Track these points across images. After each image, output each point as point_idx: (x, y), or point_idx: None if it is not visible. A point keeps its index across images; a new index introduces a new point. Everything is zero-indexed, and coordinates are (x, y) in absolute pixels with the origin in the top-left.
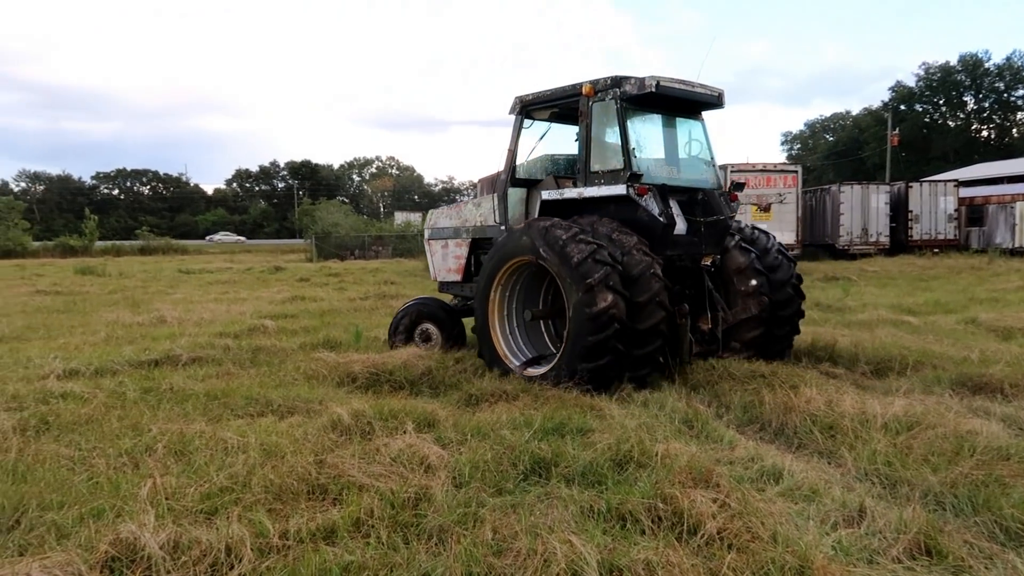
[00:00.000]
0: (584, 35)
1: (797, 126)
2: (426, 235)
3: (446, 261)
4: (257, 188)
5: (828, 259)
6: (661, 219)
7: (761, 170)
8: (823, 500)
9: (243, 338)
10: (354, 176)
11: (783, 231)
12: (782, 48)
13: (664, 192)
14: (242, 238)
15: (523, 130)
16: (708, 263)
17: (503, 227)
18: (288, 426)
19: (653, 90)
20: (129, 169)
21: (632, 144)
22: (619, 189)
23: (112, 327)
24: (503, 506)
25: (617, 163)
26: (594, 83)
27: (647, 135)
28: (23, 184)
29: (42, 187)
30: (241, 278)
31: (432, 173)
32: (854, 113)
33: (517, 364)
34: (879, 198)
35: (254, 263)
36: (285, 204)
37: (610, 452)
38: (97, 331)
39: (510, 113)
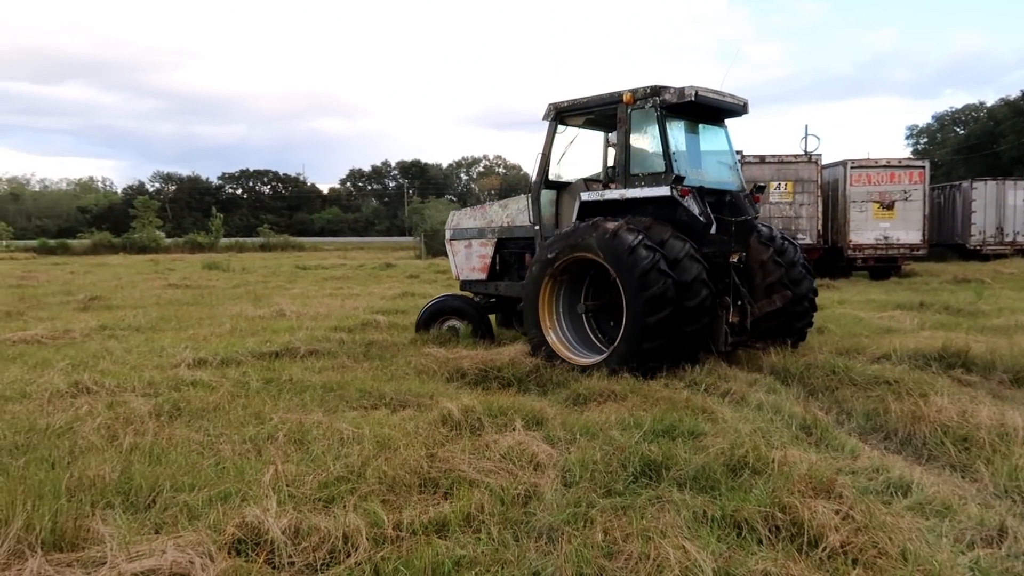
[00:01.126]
0: (695, 31)
1: (924, 119)
2: (448, 235)
3: (470, 260)
4: (369, 187)
5: (957, 260)
6: (701, 219)
7: (884, 166)
8: (957, 517)
9: (356, 332)
10: (462, 175)
11: (908, 230)
12: (910, 36)
13: (702, 194)
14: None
15: (556, 135)
16: (735, 260)
17: (536, 227)
18: (400, 419)
19: (692, 99)
20: (251, 170)
21: (672, 149)
22: (663, 191)
23: (236, 320)
24: (613, 507)
25: (658, 167)
26: (634, 92)
27: (681, 141)
28: (157, 184)
29: (174, 187)
30: (354, 274)
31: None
32: (989, 104)
33: (568, 353)
34: (1017, 195)
35: (366, 260)
36: (396, 202)
37: (723, 457)
38: (223, 323)
39: (544, 119)
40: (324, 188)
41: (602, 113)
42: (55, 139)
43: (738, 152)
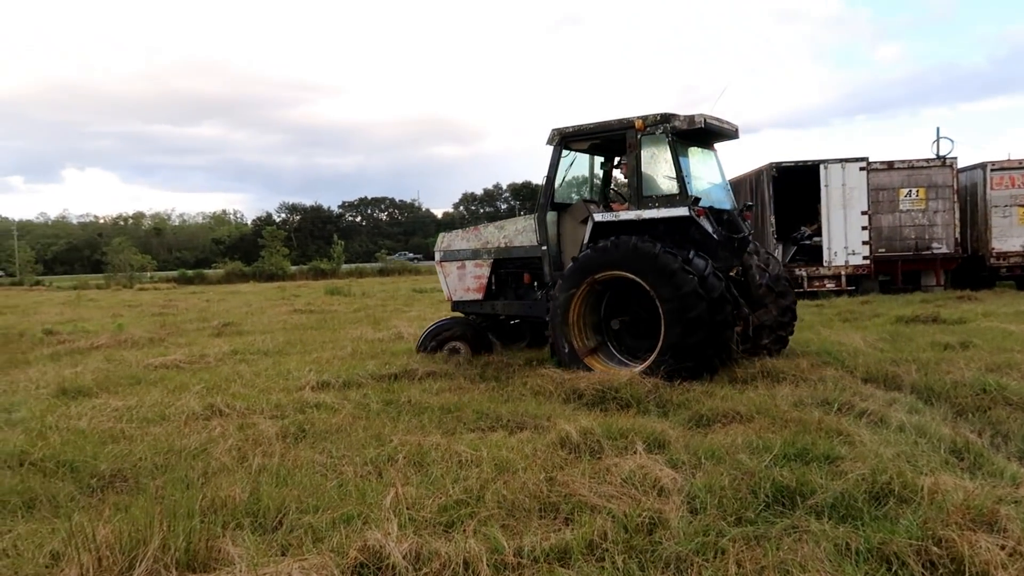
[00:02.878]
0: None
1: None
2: (438, 257)
3: (463, 281)
4: (482, 210)
5: None
6: (715, 236)
7: None
8: None
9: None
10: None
11: None
12: None
13: (711, 214)
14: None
15: (561, 159)
16: (733, 273)
17: (543, 247)
18: (518, 441)
19: (703, 126)
20: (369, 197)
21: (684, 172)
22: (682, 211)
23: (356, 343)
24: (745, 537)
25: (671, 189)
26: (644, 118)
27: (689, 164)
28: (283, 215)
29: (298, 217)
30: None
31: None
32: None
33: (599, 365)
34: None
35: None
36: None
37: (865, 483)
38: (344, 346)
39: (547, 144)
40: (438, 213)
41: (608, 139)
42: (192, 176)
43: (863, 159)
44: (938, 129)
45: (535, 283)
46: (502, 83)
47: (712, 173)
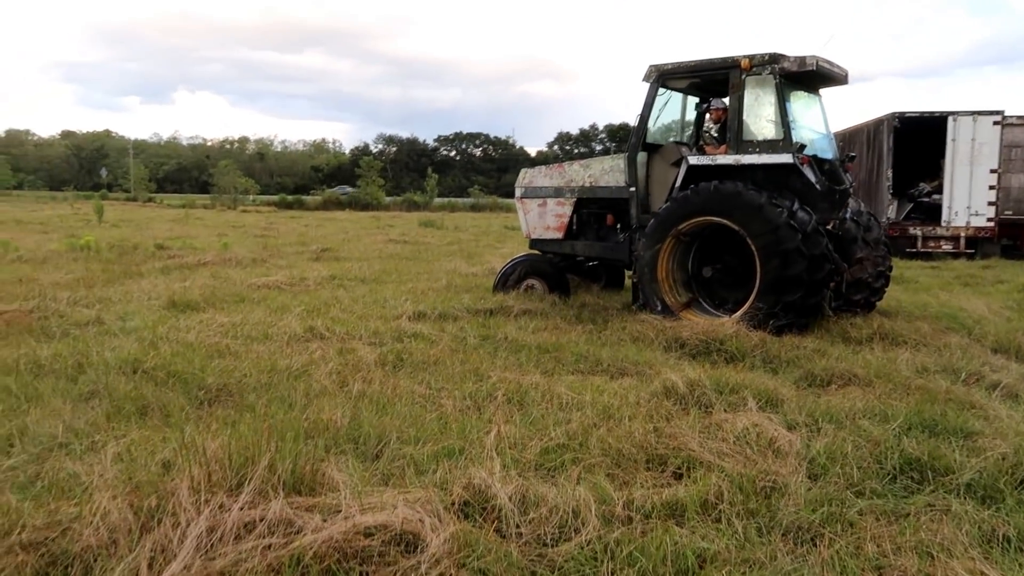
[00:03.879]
0: None
1: None
2: (518, 193)
3: (544, 219)
4: (576, 150)
5: None
6: (818, 187)
7: None
8: None
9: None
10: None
11: None
12: None
13: (816, 162)
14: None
15: (656, 98)
16: (831, 227)
17: (632, 188)
18: (621, 388)
19: (814, 69)
20: (464, 133)
21: (789, 117)
22: (785, 158)
23: (451, 276)
24: (873, 511)
25: (773, 134)
26: (751, 57)
27: (795, 109)
28: (380, 146)
29: (394, 149)
30: None
31: None
32: None
33: (688, 313)
34: None
35: None
36: None
37: (1007, 464)
38: (439, 279)
39: (644, 80)
40: (532, 151)
41: (710, 78)
42: (295, 103)
43: (998, 112)
44: None
45: (618, 225)
46: (600, 23)
47: (816, 120)
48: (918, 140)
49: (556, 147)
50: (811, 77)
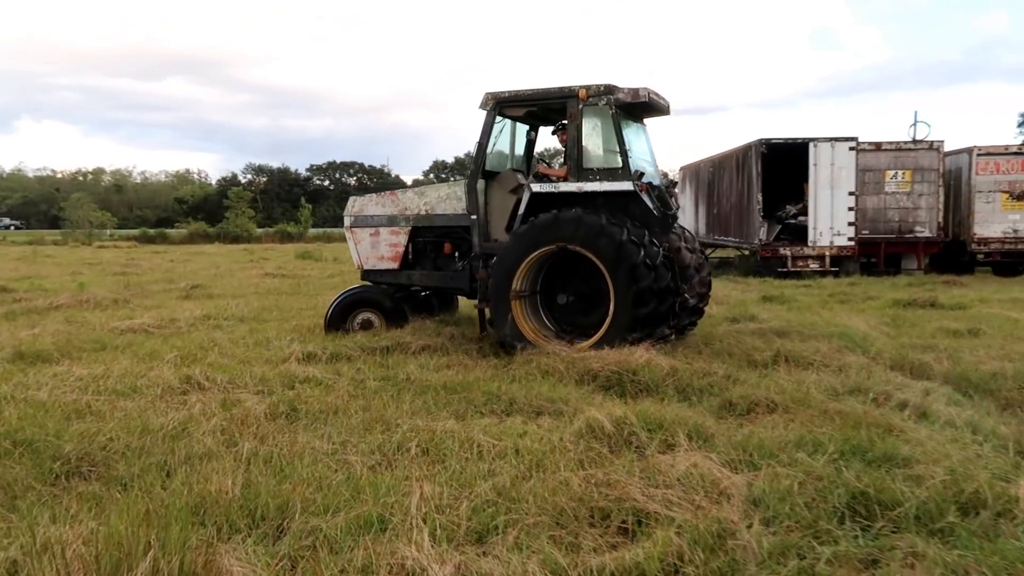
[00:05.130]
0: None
1: None
2: (347, 223)
3: (377, 249)
4: (453, 178)
5: None
6: (655, 212)
7: (1016, 153)
8: None
9: (465, 326)
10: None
11: None
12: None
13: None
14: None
15: (494, 125)
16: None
17: (472, 216)
18: (542, 430)
19: (646, 100)
20: (338, 162)
21: (627, 146)
22: (626, 185)
23: None
24: (840, 560)
25: (613, 162)
26: (587, 88)
27: (630, 138)
28: (249, 176)
29: (264, 179)
30: None
31: None
32: None
33: (540, 340)
34: None
35: None
36: None
37: (949, 492)
38: (324, 314)
39: (481, 108)
40: (408, 179)
41: (546, 107)
42: (156, 133)
43: (853, 139)
44: (916, 113)
45: (456, 253)
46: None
47: (644, 148)
48: (783, 165)
49: (432, 175)
50: (641, 107)
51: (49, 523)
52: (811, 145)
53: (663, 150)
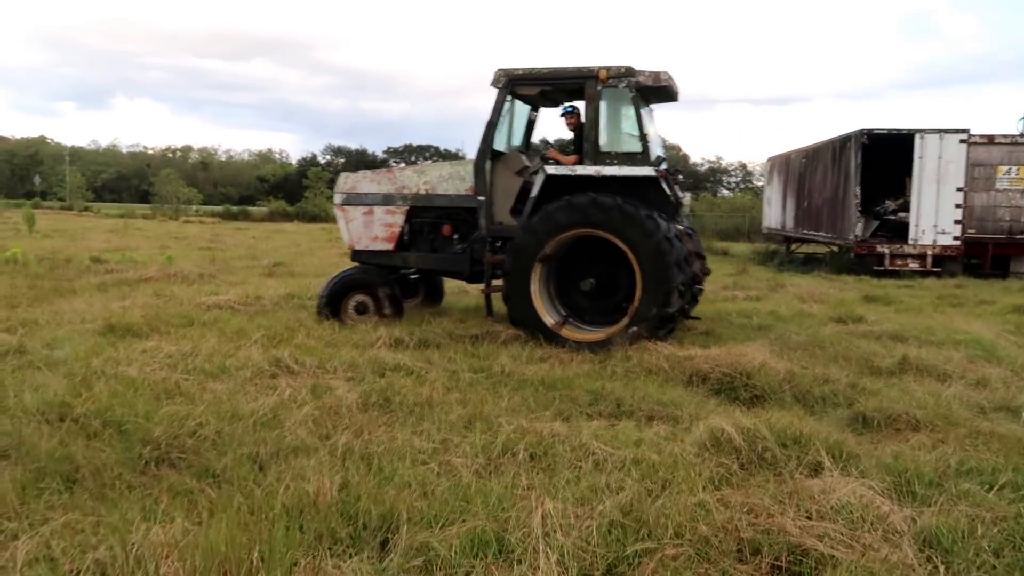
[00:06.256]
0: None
1: None
2: (338, 200)
3: (370, 229)
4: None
5: None
6: (672, 200)
7: None
8: None
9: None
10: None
11: None
12: None
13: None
14: None
15: (505, 104)
16: None
17: (480, 197)
18: (657, 437)
19: (667, 84)
20: (414, 144)
21: (646, 131)
22: (647, 171)
23: None
24: None
25: (632, 147)
26: (608, 69)
27: (649, 122)
28: (328, 157)
29: (342, 160)
30: None
31: (698, 152)
32: None
33: (552, 322)
34: None
35: None
36: None
37: None
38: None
39: (492, 85)
40: None
41: (561, 87)
42: (240, 113)
43: (964, 131)
44: None
45: (455, 235)
46: (547, 37)
47: (656, 132)
48: (882, 157)
49: None
50: (654, 92)
51: (139, 520)
52: (917, 137)
53: (740, 140)
